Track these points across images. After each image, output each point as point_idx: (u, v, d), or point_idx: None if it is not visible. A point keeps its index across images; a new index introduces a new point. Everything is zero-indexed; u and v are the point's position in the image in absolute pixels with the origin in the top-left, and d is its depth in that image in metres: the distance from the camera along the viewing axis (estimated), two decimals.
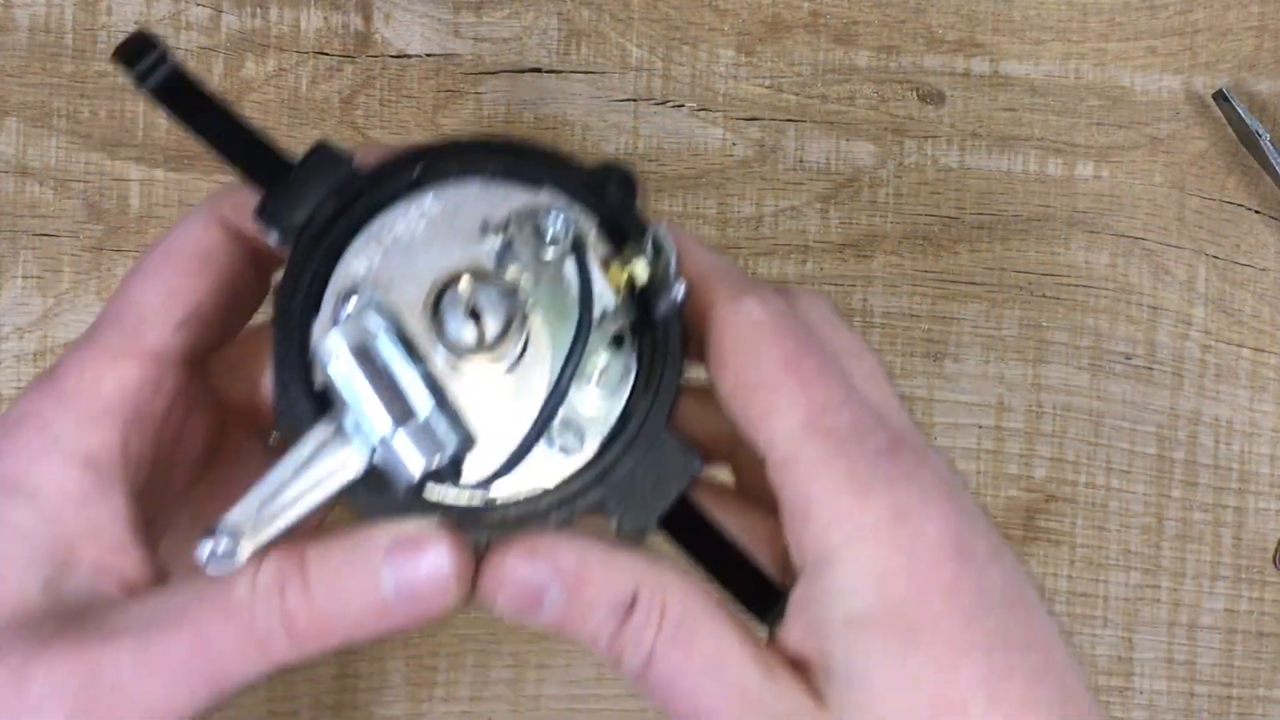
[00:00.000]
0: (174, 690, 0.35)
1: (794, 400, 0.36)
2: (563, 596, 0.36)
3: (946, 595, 0.35)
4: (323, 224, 0.37)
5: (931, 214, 0.57)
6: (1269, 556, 0.58)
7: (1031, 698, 0.35)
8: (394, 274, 0.37)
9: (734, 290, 0.37)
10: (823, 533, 0.35)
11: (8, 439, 0.37)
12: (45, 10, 0.56)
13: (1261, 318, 0.58)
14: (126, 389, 0.37)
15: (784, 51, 0.57)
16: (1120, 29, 0.58)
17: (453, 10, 0.57)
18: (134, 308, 0.38)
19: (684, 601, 0.36)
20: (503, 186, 0.38)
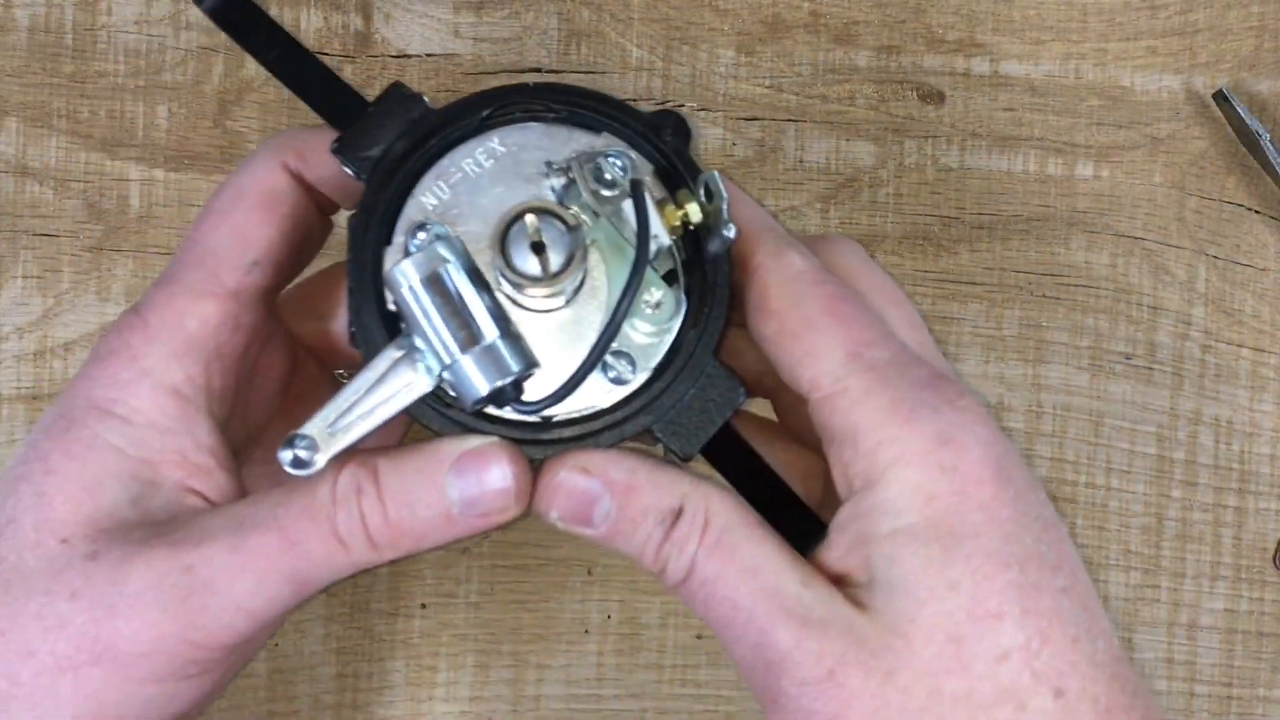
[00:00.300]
0: (262, 586, 0.38)
1: (835, 338, 0.39)
2: (613, 506, 0.39)
3: (987, 513, 0.38)
4: (396, 160, 0.40)
5: (931, 214, 0.57)
6: (1269, 557, 0.58)
7: (1058, 611, 0.38)
8: (462, 209, 0.40)
9: (776, 243, 0.40)
10: (871, 455, 0.38)
11: (101, 368, 0.40)
12: (45, 10, 0.56)
13: (1261, 318, 0.58)
14: (207, 326, 0.40)
15: (784, 51, 0.57)
16: (1120, 29, 0.58)
17: (453, 10, 0.57)
18: (209, 249, 0.41)
19: (725, 514, 0.39)
20: (565, 130, 0.41)
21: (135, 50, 0.56)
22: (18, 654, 0.38)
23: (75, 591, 0.38)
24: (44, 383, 0.56)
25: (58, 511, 0.39)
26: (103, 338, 0.41)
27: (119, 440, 0.40)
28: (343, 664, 0.56)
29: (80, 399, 0.40)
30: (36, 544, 0.39)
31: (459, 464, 0.38)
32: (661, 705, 0.56)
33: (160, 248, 0.56)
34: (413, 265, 0.38)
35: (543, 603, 0.56)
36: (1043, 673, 0.38)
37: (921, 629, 0.38)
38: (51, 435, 0.40)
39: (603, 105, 0.41)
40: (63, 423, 0.40)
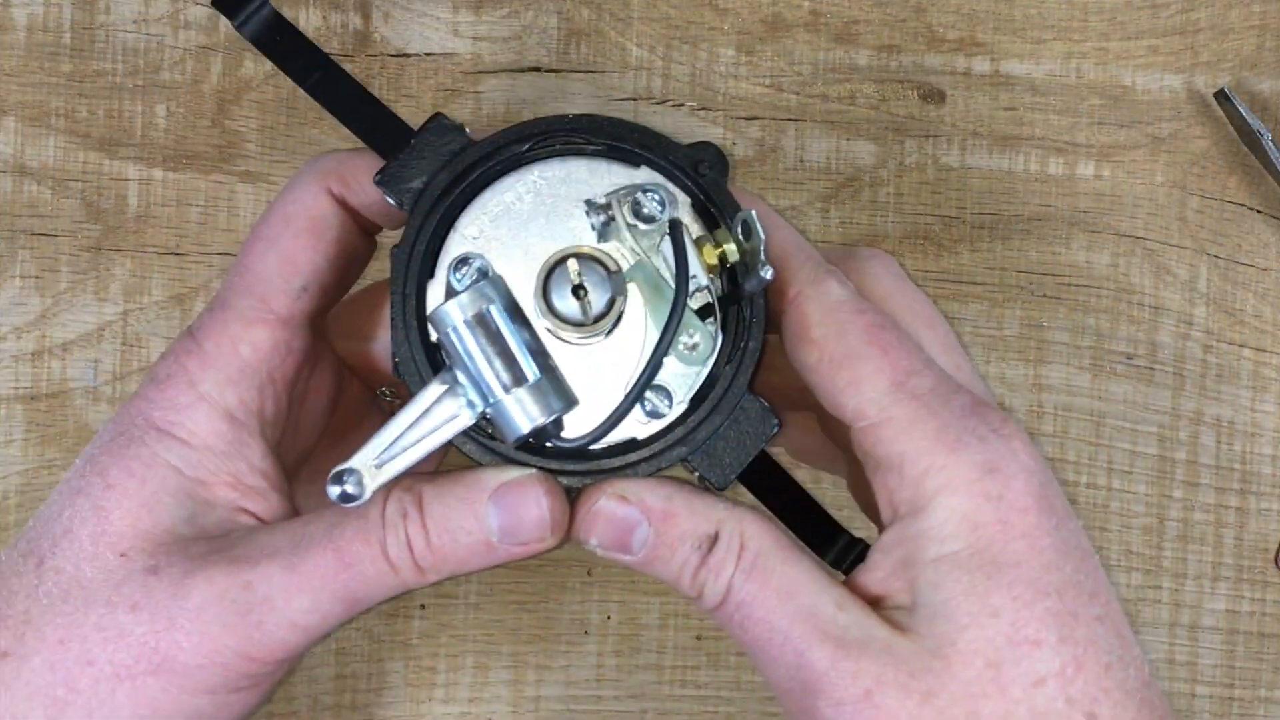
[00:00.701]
0: (318, 604, 0.40)
1: (879, 368, 0.40)
2: (651, 533, 0.40)
3: (1029, 541, 0.39)
4: (438, 193, 0.41)
5: (932, 213, 0.57)
6: (1270, 557, 0.58)
7: (1094, 639, 0.39)
8: (503, 242, 0.41)
9: (815, 270, 0.42)
10: (918, 483, 0.39)
11: (159, 390, 0.42)
12: (43, 10, 0.56)
13: (1263, 318, 0.58)
14: (260, 352, 0.42)
15: (784, 51, 0.57)
16: (1122, 28, 0.58)
17: (452, 9, 0.56)
18: (258, 275, 0.42)
19: (760, 538, 0.40)
20: (604, 163, 0.41)
21: (134, 49, 0.56)
22: (77, 662, 0.40)
23: (136, 604, 0.40)
24: (42, 382, 0.56)
25: (116, 525, 0.41)
26: (160, 360, 0.42)
27: (176, 460, 0.41)
28: (341, 665, 0.56)
29: (139, 419, 0.42)
30: (94, 556, 0.41)
31: (498, 495, 0.40)
32: (661, 706, 0.56)
33: (159, 247, 0.56)
34: (458, 306, 0.39)
35: (542, 603, 0.56)
36: (1077, 699, 0.39)
37: (961, 653, 0.39)
38: (111, 451, 0.41)
39: (641, 138, 0.42)
40: (122, 440, 0.41)
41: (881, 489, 0.41)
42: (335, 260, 0.43)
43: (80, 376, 0.56)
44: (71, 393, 0.56)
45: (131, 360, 0.56)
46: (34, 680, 0.40)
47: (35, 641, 0.40)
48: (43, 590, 0.41)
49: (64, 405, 0.56)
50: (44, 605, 0.40)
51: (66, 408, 0.56)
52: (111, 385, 0.56)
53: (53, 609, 0.40)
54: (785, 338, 0.42)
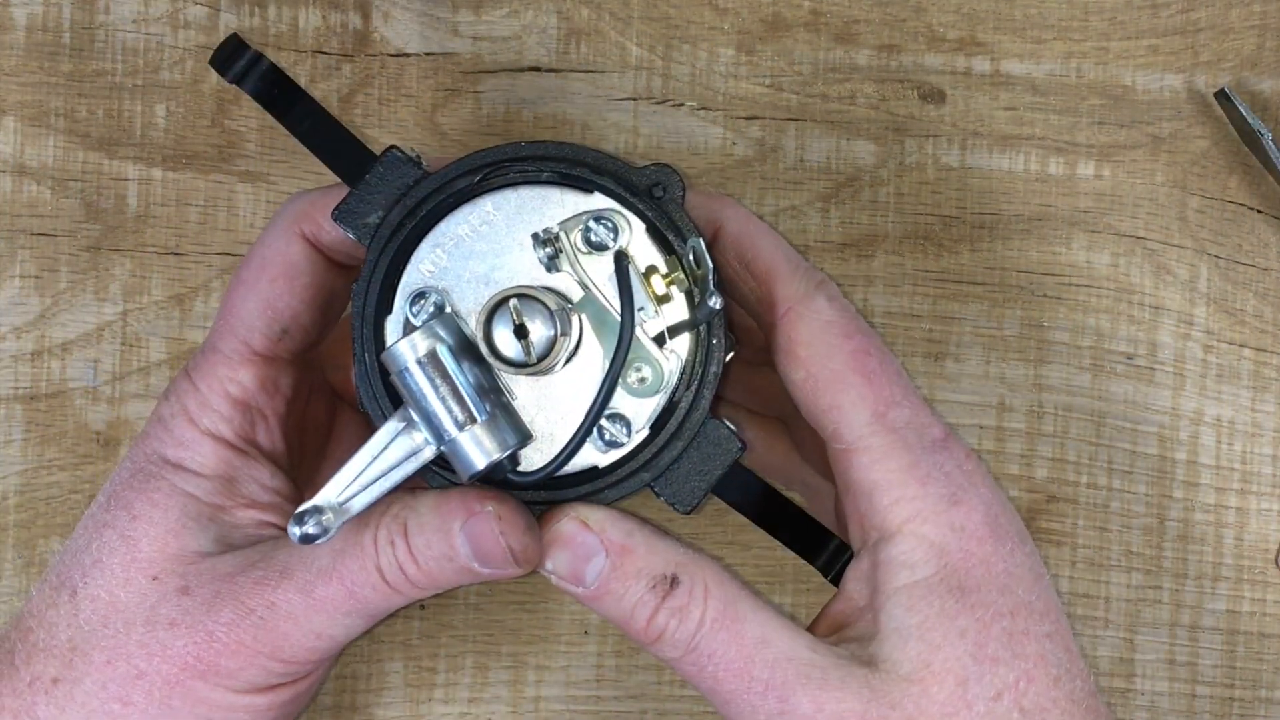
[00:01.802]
0: (334, 620, 0.43)
1: (862, 395, 0.42)
2: (607, 564, 0.41)
3: (985, 568, 0.42)
4: (392, 228, 0.41)
5: (932, 213, 0.57)
6: (1271, 557, 0.58)
7: (1044, 654, 0.42)
8: (459, 276, 0.41)
9: (805, 285, 0.43)
10: (888, 511, 0.42)
11: (166, 430, 0.45)
12: (43, 9, 0.56)
13: (1264, 318, 0.58)
14: (247, 391, 0.45)
15: (784, 50, 0.57)
16: (1122, 28, 0.58)
17: (451, 9, 0.56)
18: (240, 319, 0.45)
19: (724, 586, 0.42)
20: (556, 191, 0.41)
21: (133, 49, 0.56)
22: (127, 677, 0.43)
23: (174, 621, 0.43)
24: (41, 383, 0.56)
25: (145, 551, 0.44)
26: (163, 400, 0.45)
27: (193, 489, 0.44)
28: (341, 665, 0.56)
29: (154, 456, 0.45)
30: (127, 581, 0.44)
31: (467, 528, 0.41)
32: (661, 707, 0.56)
33: (158, 247, 0.56)
34: (409, 345, 0.39)
35: (542, 604, 0.56)
36: (1029, 709, 0.42)
37: (936, 673, 0.41)
38: (132, 487, 0.44)
39: (596, 162, 0.41)
40: (140, 477, 0.45)
41: (854, 512, 0.43)
42: (313, 301, 0.45)
43: (80, 376, 0.56)
44: (71, 393, 0.56)
45: (131, 360, 0.56)
46: (89, 701, 0.43)
47: (84, 665, 0.43)
48: (82, 618, 0.43)
49: (64, 405, 0.56)
50: (86, 631, 0.43)
51: (66, 408, 0.56)
52: (111, 385, 0.56)
53: (95, 634, 0.43)
54: (774, 351, 0.44)
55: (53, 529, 0.56)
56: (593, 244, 0.41)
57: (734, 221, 0.45)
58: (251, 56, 0.44)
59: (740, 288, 0.45)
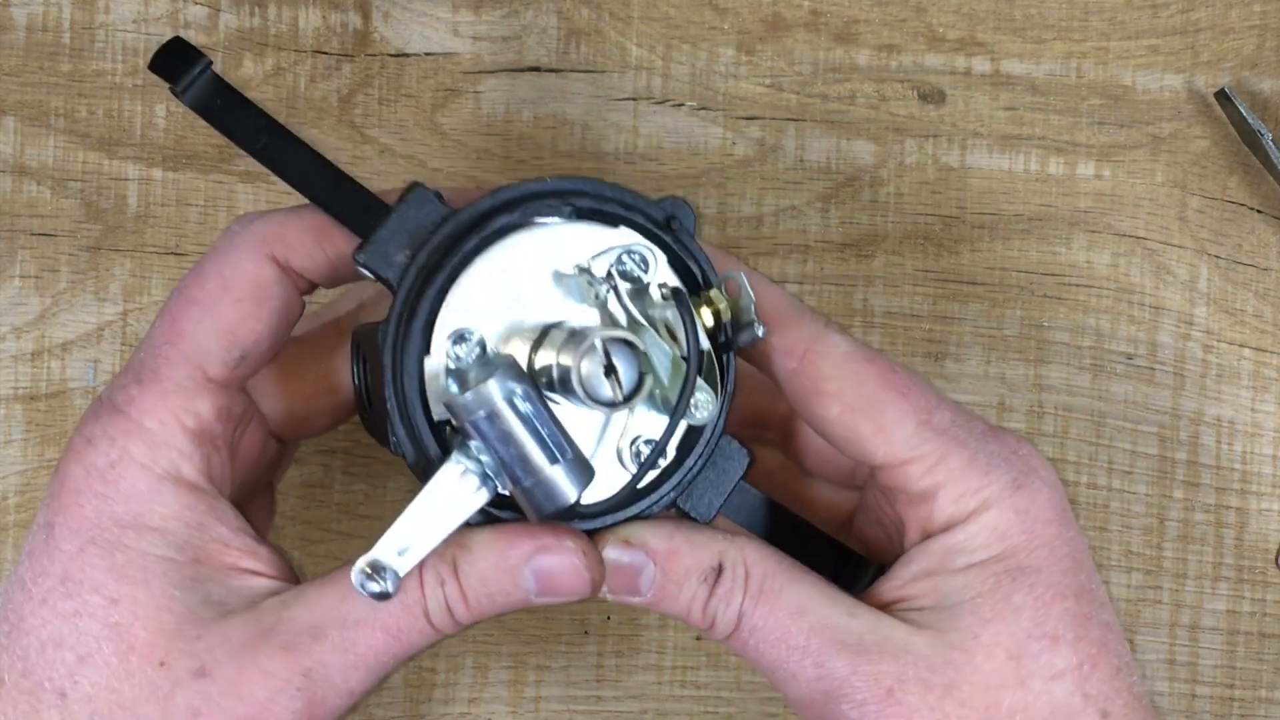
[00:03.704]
0: (375, 671, 0.41)
1: (903, 410, 0.42)
2: (658, 573, 0.42)
3: (1050, 550, 0.42)
4: (423, 267, 0.40)
5: (932, 213, 0.57)
6: (1271, 557, 0.58)
7: (1105, 641, 0.42)
8: (493, 315, 0.40)
9: (814, 325, 0.43)
10: (955, 505, 0.42)
11: (111, 484, 0.40)
12: (43, 9, 0.56)
13: (1264, 318, 0.58)
14: (204, 422, 0.41)
15: (784, 50, 0.57)
16: (1122, 28, 0.58)
17: (451, 9, 0.56)
18: (196, 344, 0.41)
19: (763, 563, 0.42)
20: (583, 225, 0.41)
21: (133, 49, 0.56)
22: None
23: (197, 710, 0.39)
24: (41, 383, 0.56)
25: (141, 638, 0.39)
26: (85, 447, 0.40)
27: (165, 550, 0.40)
28: None
29: (105, 520, 0.40)
30: (129, 674, 0.39)
31: (536, 563, 0.40)
32: (661, 707, 0.56)
33: (158, 247, 0.56)
34: (497, 388, 0.38)
35: None
36: (1092, 695, 0.41)
37: (983, 645, 0.41)
38: (94, 564, 0.40)
39: (619, 197, 0.42)
40: (98, 550, 0.40)
41: (915, 518, 0.43)
42: (276, 327, 0.42)
43: (80, 376, 0.56)
44: (71, 393, 0.56)
45: None
46: None
47: None
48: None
49: (64, 405, 0.56)
50: None
51: (66, 408, 0.56)
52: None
53: None
54: (796, 395, 0.43)
55: None
56: (624, 276, 0.41)
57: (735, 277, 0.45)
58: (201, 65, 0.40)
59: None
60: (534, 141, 0.56)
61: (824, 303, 0.57)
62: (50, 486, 0.41)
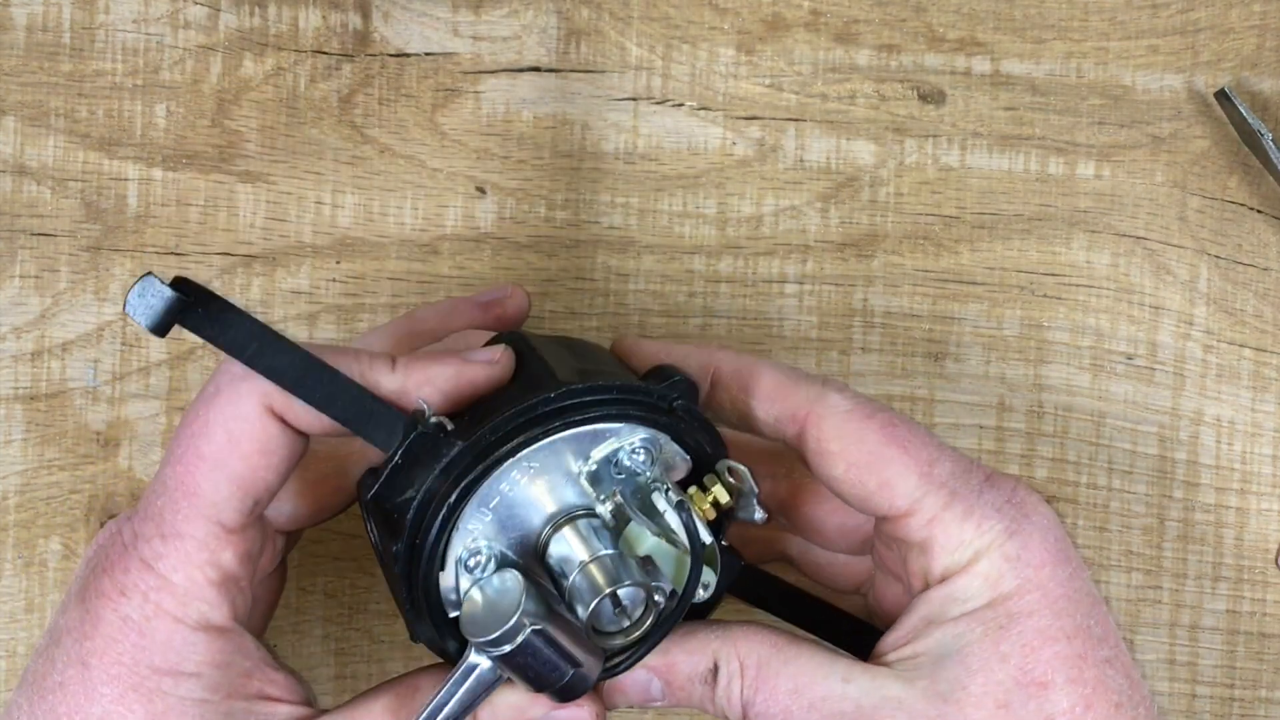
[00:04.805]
0: None
1: (905, 465, 0.44)
2: (660, 685, 0.45)
3: (1042, 592, 0.43)
4: (438, 500, 0.42)
5: (932, 213, 0.57)
6: (1271, 557, 0.58)
7: (1103, 679, 0.43)
8: (506, 526, 0.43)
9: (812, 389, 0.45)
10: (950, 556, 0.43)
11: (145, 636, 0.42)
12: (43, 9, 0.56)
13: (1264, 318, 0.58)
14: (227, 572, 0.43)
15: (784, 50, 0.57)
16: (1122, 28, 0.58)
17: (451, 9, 0.56)
18: (211, 501, 0.43)
19: (757, 651, 0.44)
20: (588, 429, 0.43)
21: (133, 49, 0.56)
22: None
23: None
24: (41, 383, 0.56)
25: None
26: (118, 597, 0.43)
27: (200, 693, 0.43)
28: (341, 665, 0.56)
29: (142, 669, 0.42)
30: None
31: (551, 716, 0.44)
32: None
33: (158, 247, 0.56)
34: (517, 623, 0.41)
35: None
36: None
37: (972, 695, 0.42)
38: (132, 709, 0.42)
39: (621, 392, 0.43)
40: (135, 697, 0.42)
41: (916, 568, 0.44)
42: (284, 472, 0.44)
43: (80, 376, 0.56)
44: (71, 393, 0.56)
45: (131, 360, 0.56)
46: None
47: None
48: None
49: (64, 405, 0.56)
50: None
51: (66, 408, 0.56)
52: (111, 385, 0.56)
53: None
54: (806, 456, 0.45)
55: (53, 529, 0.56)
56: (626, 469, 0.43)
57: (727, 362, 0.47)
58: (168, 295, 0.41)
59: (755, 417, 0.46)
60: (534, 141, 0.56)
61: (824, 303, 0.57)
62: (71, 614, 0.43)
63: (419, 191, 0.56)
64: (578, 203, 0.57)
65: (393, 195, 0.56)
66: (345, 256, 0.56)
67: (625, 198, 0.57)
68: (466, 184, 0.56)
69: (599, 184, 0.57)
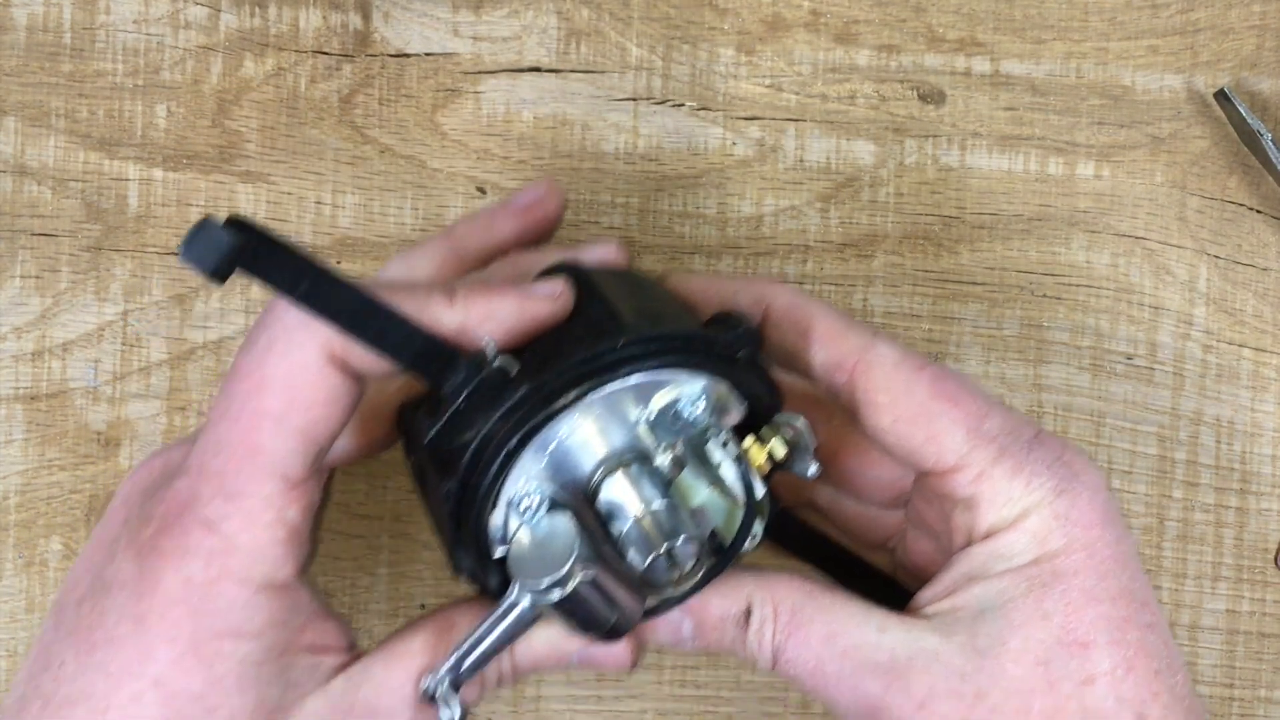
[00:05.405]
0: None
1: (954, 419, 0.43)
2: (692, 626, 0.45)
3: (1089, 552, 0.42)
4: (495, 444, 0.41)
5: (932, 213, 0.57)
6: (1270, 557, 0.58)
7: (1144, 644, 0.42)
8: (558, 472, 0.43)
9: (862, 339, 0.45)
10: (997, 513, 0.43)
11: (210, 599, 0.42)
12: (44, 9, 0.56)
13: (1263, 318, 0.58)
14: (294, 528, 0.42)
15: (784, 50, 0.57)
16: (1122, 28, 0.58)
17: (451, 9, 0.56)
18: (276, 458, 0.42)
19: (792, 597, 0.44)
20: (648, 376, 0.42)
21: (134, 49, 0.56)
22: None
23: None
24: (42, 383, 0.56)
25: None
26: (185, 559, 0.42)
27: (260, 654, 0.42)
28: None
29: (202, 633, 0.42)
30: None
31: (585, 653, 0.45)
32: (661, 706, 0.56)
33: (159, 247, 0.56)
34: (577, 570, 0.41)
35: None
36: (1127, 699, 0.41)
37: (1011, 651, 0.42)
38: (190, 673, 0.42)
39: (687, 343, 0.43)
40: (194, 661, 0.42)
41: (959, 524, 0.44)
42: (345, 419, 0.43)
43: (80, 376, 0.56)
44: (71, 393, 0.56)
45: (132, 360, 0.56)
46: None
47: None
48: None
49: (64, 405, 0.56)
50: None
51: (66, 408, 0.56)
52: (112, 385, 0.56)
53: None
54: (852, 406, 0.45)
55: (53, 529, 0.56)
56: (684, 417, 0.43)
57: (780, 298, 0.46)
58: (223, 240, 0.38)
59: (802, 360, 0.46)
60: (534, 141, 0.56)
61: None
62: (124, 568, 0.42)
63: (419, 192, 0.56)
64: (578, 203, 0.57)
65: (393, 195, 0.56)
66: (346, 256, 0.56)
67: (625, 198, 0.57)
68: (467, 184, 0.56)
69: (599, 184, 0.57)
